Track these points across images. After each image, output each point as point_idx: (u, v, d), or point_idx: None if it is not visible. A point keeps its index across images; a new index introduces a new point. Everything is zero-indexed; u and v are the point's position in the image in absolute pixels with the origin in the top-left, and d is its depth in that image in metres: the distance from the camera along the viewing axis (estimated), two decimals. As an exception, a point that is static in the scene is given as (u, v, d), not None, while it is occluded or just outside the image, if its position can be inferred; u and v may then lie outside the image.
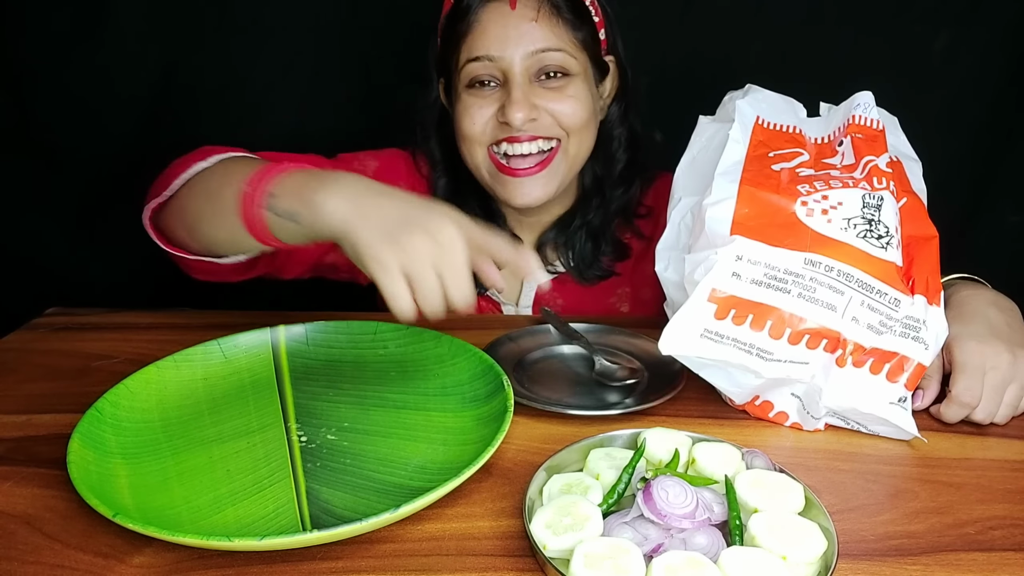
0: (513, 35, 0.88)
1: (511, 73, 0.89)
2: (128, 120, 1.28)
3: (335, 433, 0.66)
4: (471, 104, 0.91)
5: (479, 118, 0.91)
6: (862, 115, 0.75)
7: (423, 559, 0.52)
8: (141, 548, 0.52)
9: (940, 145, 0.98)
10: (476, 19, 0.89)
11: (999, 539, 0.55)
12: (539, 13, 0.88)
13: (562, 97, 0.90)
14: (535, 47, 0.88)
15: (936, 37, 1.20)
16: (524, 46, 0.88)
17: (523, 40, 0.88)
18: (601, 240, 1.01)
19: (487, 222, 0.98)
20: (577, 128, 0.92)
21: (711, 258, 0.66)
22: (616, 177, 1.00)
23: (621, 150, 1.00)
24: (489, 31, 0.88)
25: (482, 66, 0.89)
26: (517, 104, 0.88)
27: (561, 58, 0.89)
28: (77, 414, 0.64)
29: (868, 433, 0.69)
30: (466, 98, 0.92)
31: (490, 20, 0.89)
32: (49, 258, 1.36)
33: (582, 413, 0.70)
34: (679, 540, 0.50)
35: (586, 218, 1.01)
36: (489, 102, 0.91)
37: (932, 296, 0.67)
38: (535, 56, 0.88)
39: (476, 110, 0.91)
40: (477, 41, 0.89)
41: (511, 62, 0.88)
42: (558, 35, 0.89)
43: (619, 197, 1.01)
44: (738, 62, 1.22)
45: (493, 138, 0.92)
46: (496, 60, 0.89)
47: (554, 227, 1.03)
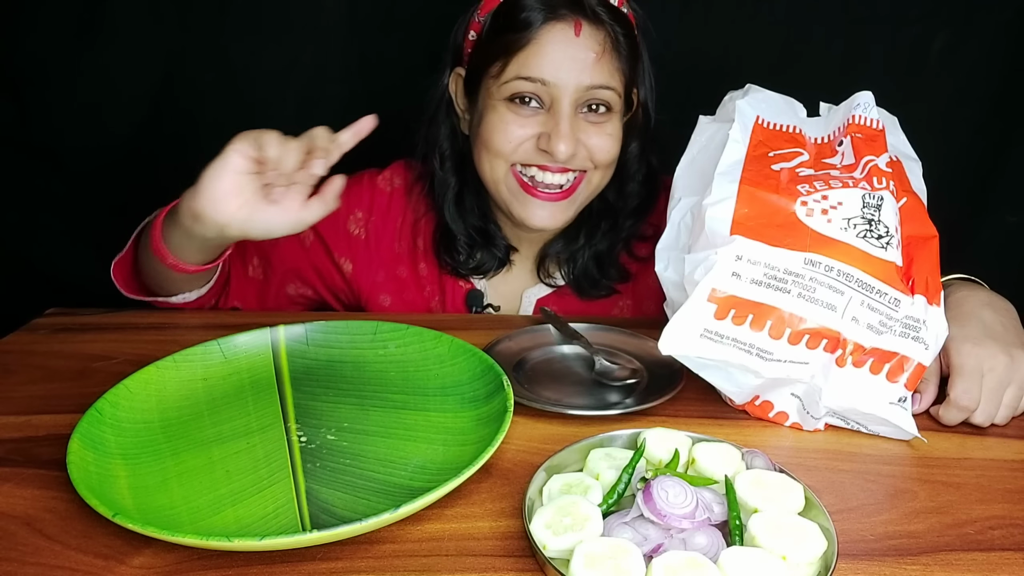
0: (573, 66, 0.85)
1: (560, 102, 0.86)
2: (128, 121, 1.28)
3: (335, 433, 0.66)
4: (510, 120, 0.88)
5: (515, 138, 0.88)
6: (862, 115, 0.75)
7: (423, 559, 0.52)
8: (141, 549, 0.52)
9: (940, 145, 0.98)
10: (536, 37, 0.85)
11: (998, 539, 0.55)
12: (603, 50, 0.86)
13: (601, 134, 0.89)
14: (592, 82, 0.86)
15: (935, 37, 1.20)
16: (582, 79, 0.85)
17: (583, 73, 0.85)
18: (606, 263, 1.00)
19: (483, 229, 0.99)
20: (608, 163, 0.92)
21: (711, 258, 0.66)
22: (630, 211, 0.99)
23: (637, 185, 0.99)
24: (547, 53, 0.85)
25: (532, 87, 0.86)
26: (565, 139, 0.85)
27: (609, 96, 0.88)
28: (77, 415, 0.64)
29: (868, 433, 0.69)
30: (504, 112, 0.88)
31: (551, 42, 0.85)
32: (49, 259, 1.36)
33: (582, 413, 0.70)
34: (679, 540, 0.50)
35: (592, 241, 0.99)
36: (530, 123, 0.88)
37: (932, 296, 0.67)
38: (589, 91, 0.86)
39: (515, 128, 0.88)
40: (533, 60, 0.85)
41: (564, 90, 0.86)
42: (612, 74, 0.87)
43: (629, 228, 1.00)
44: (737, 62, 1.22)
45: (525, 160, 0.90)
46: (549, 85, 0.85)
47: (557, 241, 1.01)
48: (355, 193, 1.02)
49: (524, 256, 1.04)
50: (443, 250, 1.01)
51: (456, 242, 1.00)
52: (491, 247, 1.01)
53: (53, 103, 1.26)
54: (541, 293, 1.02)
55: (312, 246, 1.02)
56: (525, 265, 1.04)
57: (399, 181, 1.04)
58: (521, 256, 1.04)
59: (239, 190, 0.74)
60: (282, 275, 1.02)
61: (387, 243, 1.03)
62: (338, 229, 1.02)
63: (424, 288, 1.03)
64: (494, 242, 1.01)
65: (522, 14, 0.85)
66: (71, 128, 1.28)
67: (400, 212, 1.03)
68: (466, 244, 1.00)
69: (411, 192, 1.03)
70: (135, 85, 1.26)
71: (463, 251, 1.00)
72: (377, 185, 1.04)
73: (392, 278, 1.03)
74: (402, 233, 1.03)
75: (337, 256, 1.03)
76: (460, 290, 1.02)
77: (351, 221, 1.02)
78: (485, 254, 1.01)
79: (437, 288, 1.03)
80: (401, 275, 1.03)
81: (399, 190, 1.04)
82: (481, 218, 1.00)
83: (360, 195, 1.03)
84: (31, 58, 1.23)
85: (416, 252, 1.03)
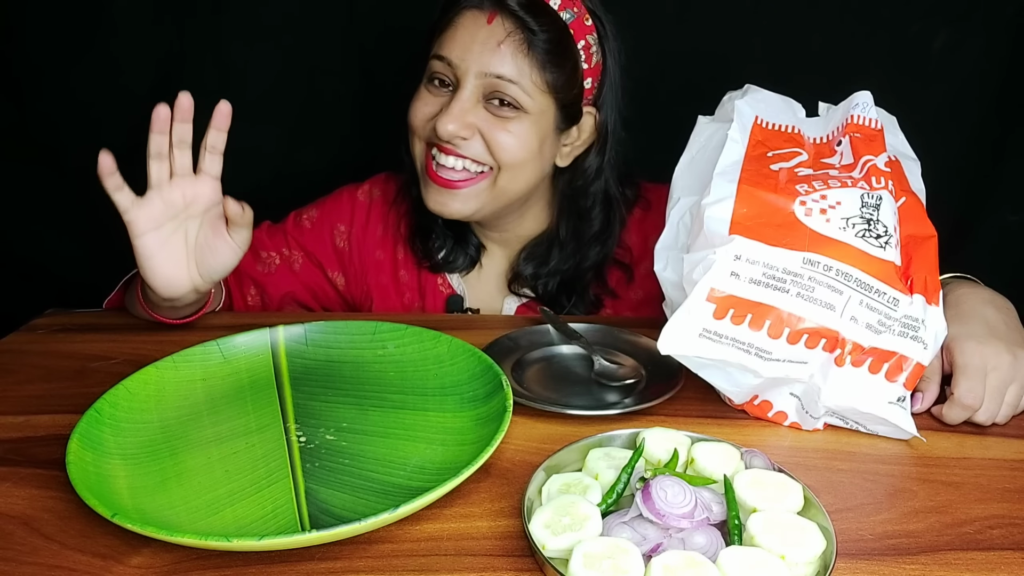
0: (476, 49, 0.86)
1: (461, 83, 0.87)
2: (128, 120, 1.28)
3: (334, 433, 0.66)
4: (420, 98, 0.92)
5: (420, 113, 0.91)
6: (861, 115, 0.75)
7: (422, 559, 0.52)
8: (139, 548, 0.52)
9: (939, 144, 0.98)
10: (453, 19, 0.88)
11: (997, 538, 0.55)
12: (507, 39, 0.85)
13: (501, 129, 0.88)
14: (490, 70, 0.86)
15: (935, 36, 1.20)
16: (481, 64, 0.86)
17: (483, 58, 0.86)
18: (574, 291, 1.00)
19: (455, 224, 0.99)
20: (510, 164, 0.90)
21: (710, 258, 0.66)
22: (591, 236, 0.98)
23: (597, 208, 0.97)
24: (458, 35, 0.87)
25: (441, 66, 0.89)
26: (449, 116, 0.86)
27: (515, 91, 0.87)
28: (76, 415, 0.64)
29: (867, 432, 0.69)
30: (421, 90, 0.92)
31: (463, 25, 0.87)
32: (48, 259, 1.36)
33: (581, 413, 0.70)
34: (678, 540, 0.50)
35: (559, 266, 0.99)
36: (436, 102, 0.90)
37: (931, 295, 0.67)
38: (487, 78, 0.86)
39: (421, 105, 0.91)
40: (446, 40, 0.88)
41: (465, 72, 0.87)
42: (519, 68, 0.86)
43: (594, 256, 0.99)
44: (736, 62, 1.22)
45: (427, 138, 0.91)
46: (453, 66, 0.87)
47: (528, 261, 1.00)
48: (335, 208, 1.05)
49: (497, 260, 1.04)
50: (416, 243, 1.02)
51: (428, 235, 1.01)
52: (462, 243, 1.02)
53: (53, 103, 1.27)
54: (522, 300, 1.03)
55: (303, 268, 1.04)
56: (500, 271, 1.04)
57: (378, 192, 1.05)
58: (494, 260, 1.04)
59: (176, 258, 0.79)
60: (279, 300, 1.04)
61: (369, 252, 1.04)
62: (325, 245, 1.04)
63: (404, 295, 1.04)
64: (465, 238, 1.02)
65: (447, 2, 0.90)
66: (71, 128, 1.28)
67: (380, 222, 1.05)
68: (438, 237, 1.01)
69: (395, 201, 1.04)
70: (135, 85, 1.26)
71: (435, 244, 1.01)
72: (357, 198, 1.05)
73: (376, 285, 1.05)
74: (383, 242, 1.04)
75: (330, 272, 1.05)
76: (440, 295, 1.03)
77: (336, 235, 1.04)
78: (458, 250, 1.02)
79: (417, 295, 1.04)
80: (383, 282, 1.04)
81: (378, 200, 1.05)
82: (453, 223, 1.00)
83: (341, 209, 1.05)
84: (31, 58, 1.23)
85: (396, 260, 1.04)
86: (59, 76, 1.24)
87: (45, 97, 1.26)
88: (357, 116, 1.31)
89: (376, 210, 1.05)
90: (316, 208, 1.05)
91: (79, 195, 1.31)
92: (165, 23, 1.22)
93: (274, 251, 1.03)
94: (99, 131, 1.27)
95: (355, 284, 1.05)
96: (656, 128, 0.99)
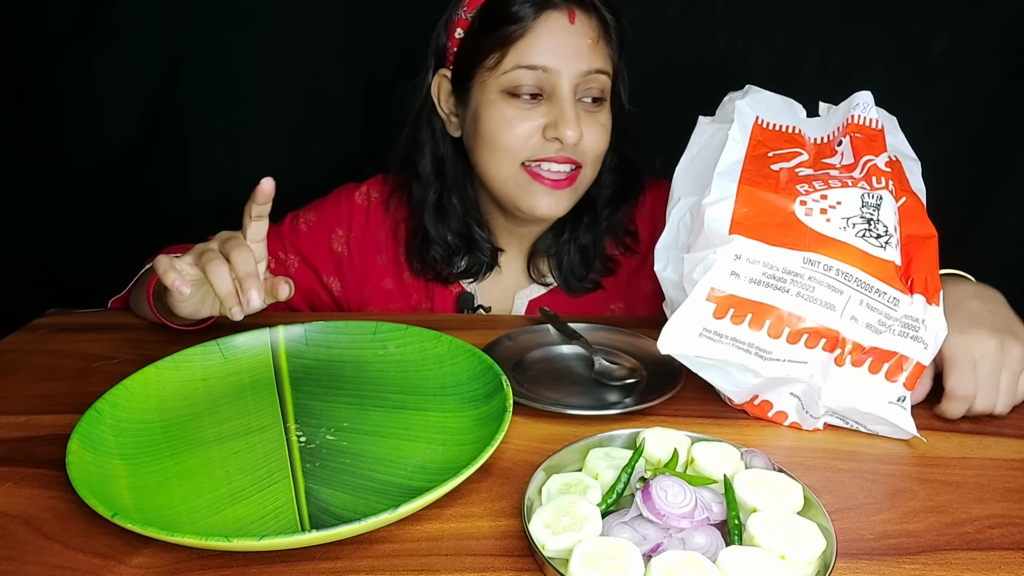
0: (571, 52, 0.85)
1: (561, 89, 0.86)
2: (128, 121, 1.28)
3: (334, 433, 0.66)
4: (513, 116, 0.87)
5: (522, 132, 0.88)
6: (861, 115, 0.75)
7: (422, 559, 0.52)
8: (140, 548, 0.52)
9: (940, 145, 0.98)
10: (532, 27, 0.85)
11: (997, 538, 0.55)
12: (598, 34, 0.87)
13: (595, 125, 0.90)
14: (591, 67, 0.86)
15: (936, 37, 1.20)
16: (580, 64, 0.86)
17: (580, 59, 0.86)
18: (590, 255, 1.01)
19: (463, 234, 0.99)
20: (599, 156, 0.92)
21: (710, 257, 0.66)
22: (606, 199, 1.00)
23: (612, 174, 0.99)
24: (545, 40, 0.85)
25: (533, 75, 0.86)
26: (572, 124, 0.85)
27: (604, 81, 0.89)
28: (76, 415, 0.64)
29: (867, 432, 0.69)
30: (504, 107, 0.88)
31: (547, 30, 0.85)
32: (49, 259, 1.37)
33: (581, 413, 0.70)
34: (678, 540, 0.50)
35: (576, 234, 1.00)
36: (534, 115, 0.87)
37: (931, 295, 0.67)
38: (588, 76, 0.87)
39: (520, 123, 0.87)
40: (532, 48, 0.85)
41: (565, 76, 0.86)
42: (605, 58, 0.88)
43: (607, 217, 1.00)
44: (737, 62, 1.22)
45: (533, 155, 0.89)
46: (551, 72, 0.85)
47: (545, 238, 1.02)
48: (333, 211, 1.03)
49: (513, 257, 1.04)
50: (416, 258, 1.00)
51: (432, 250, 0.99)
52: (475, 251, 1.01)
53: (54, 103, 1.27)
54: (533, 294, 1.02)
55: (298, 272, 1.03)
56: (515, 266, 1.04)
57: (376, 194, 1.04)
58: (510, 257, 1.04)
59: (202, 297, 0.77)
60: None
61: (369, 256, 1.03)
62: (322, 250, 1.03)
63: (411, 296, 1.03)
64: (478, 246, 1.00)
65: (514, 7, 0.86)
66: (72, 128, 1.28)
67: (380, 225, 1.03)
68: (442, 251, 0.99)
69: (389, 203, 1.03)
70: (135, 85, 1.26)
71: (439, 258, 1.00)
72: (355, 201, 1.04)
73: (378, 291, 1.03)
74: (384, 245, 1.03)
75: (325, 277, 1.03)
76: (450, 294, 1.02)
77: (333, 239, 1.03)
78: (469, 259, 1.01)
79: (425, 295, 1.03)
80: (387, 287, 1.03)
81: (376, 203, 1.04)
82: (463, 223, 1.00)
83: (338, 213, 1.03)
84: (32, 58, 1.23)
85: (399, 263, 1.03)
86: (60, 76, 1.25)
87: (46, 97, 1.26)
88: (358, 117, 1.31)
89: (375, 214, 1.04)
90: (313, 211, 1.04)
91: (80, 195, 1.32)
92: (167, 23, 1.22)
93: (270, 254, 1.01)
94: (100, 131, 1.28)
95: (352, 290, 1.04)
96: (657, 128, 0.99)
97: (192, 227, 1.03)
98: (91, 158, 1.30)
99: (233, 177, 1.30)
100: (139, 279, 0.93)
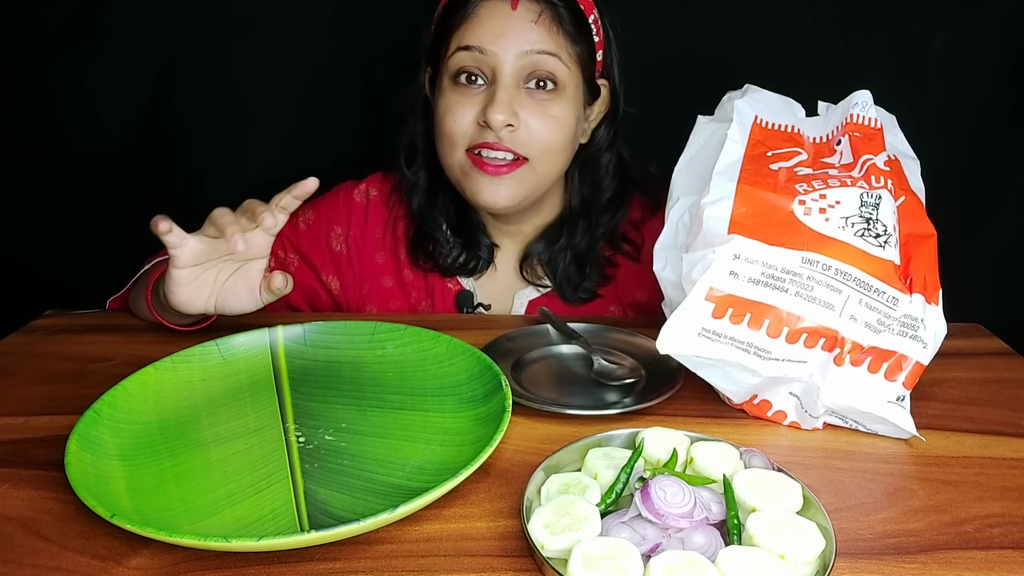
0: (510, 32, 0.86)
1: (500, 71, 0.86)
2: (127, 122, 1.28)
3: (333, 434, 0.66)
4: (454, 102, 0.89)
5: (461, 117, 0.88)
6: (860, 114, 0.75)
7: (421, 560, 0.52)
8: (139, 550, 0.52)
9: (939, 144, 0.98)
10: (473, 12, 0.87)
11: (997, 537, 0.55)
12: (540, 16, 0.86)
13: (544, 115, 0.88)
14: (531, 47, 0.86)
15: (934, 36, 1.20)
16: (519, 44, 0.86)
17: (520, 38, 0.86)
18: (587, 263, 1.00)
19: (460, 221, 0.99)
20: (553, 148, 0.90)
21: (709, 257, 0.66)
22: (604, 204, 0.99)
23: (609, 178, 0.98)
24: (485, 24, 0.87)
25: (471, 57, 0.87)
26: (500, 105, 0.85)
27: (554, 64, 0.87)
28: (74, 416, 0.63)
29: (866, 432, 0.69)
30: (450, 94, 0.89)
31: (488, 15, 0.87)
32: (47, 260, 1.36)
33: (580, 413, 0.70)
34: (677, 540, 0.50)
35: (572, 240, 0.99)
36: (473, 102, 0.88)
37: (930, 295, 0.67)
38: (528, 56, 0.86)
39: (459, 109, 0.88)
40: (471, 31, 0.87)
41: (503, 58, 0.86)
42: (555, 42, 0.87)
43: (606, 223, 0.99)
44: (736, 62, 1.22)
45: (471, 141, 0.89)
46: (488, 54, 0.86)
47: (539, 241, 1.01)
48: (332, 209, 1.03)
49: (509, 257, 1.03)
50: (420, 251, 1.01)
51: (433, 243, 1.00)
52: (473, 247, 1.01)
53: (52, 105, 1.27)
54: (532, 295, 1.02)
55: (297, 271, 1.02)
56: (512, 266, 1.04)
57: (375, 192, 1.04)
58: (506, 257, 1.03)
59: (199, 288, 0.79)
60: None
61: (369, 255, 1.03)
62: (321, 248, 1.03)
63: (411, 295, 1.03)
64: (476, 240, 1.00)
65: None
66: (70, 130, 1.28)
67: (379, 223, 1.03)
68: (445, 244, 1.00)
69: (389, 202, 1.03)
70: (133, 87, 1.26)
71: (442, 250, 1.00)
72: (353, 199, 1.04)
73: (377, 289, 1.03)
74: (383, 243, 1.03)
75: (324, 276, 1.03)
76: (449, 292, 1.02)
77: (332, 238, 1.03)
78: (467, 254, 1.01)
79: (425, 293, 1.03)
80: (386, 285, 1.03)
81: (375, 201, 1.03)
82: (458, 216, 1.00)
83: (337, 211, 1.03)
84: (29, 60, 1.23)
85: (399, 261, 1.03)
86: (59, 77, 1.24)
87: (45, 99, 1.26)
88: (356, 116, 1.31)
89: (374, 212, 1.04)
90: (312, 210, 1.04)
91: (76, 196, 1.32)
92: (165, 24, 1.22)
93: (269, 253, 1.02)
94: (99, 132, 1.28)
95: (351, 288, 1.04)
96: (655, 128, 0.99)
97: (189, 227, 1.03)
98: (87, 159, 1.29)
99: (229, 178, 1.30)
100: (137, 279, 0.93)
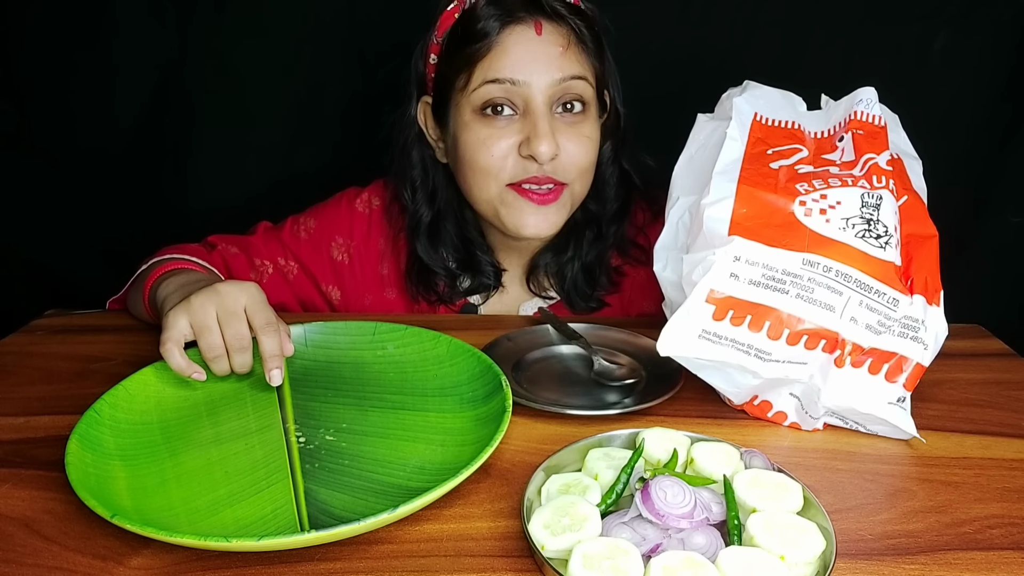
0: (541, 61, 0.83)
1: (533, 101, 0.83)
2: (128, 122, 1.28)
3: (333, 434, 0.66)
4: (487, 135, 0.85)
5: (498, 151, 0.85)
6: (864, 111, 0.74)
7: (421, 560, 0.52)
8: (139, 550, 0.52)
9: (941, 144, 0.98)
10: (497, 41, 0.83)
11: (997, 538, 0.55)
12: (568, 42, 0.84)
13: (578, 137, 0.86)
14: (562, 74, 0.83)
15: (936, 36, 1.20)
16: (551, 73, 0.83)
17: (551, 65, 0.83)
18: (595, 274, 0.99)
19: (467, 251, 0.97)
20: (587, 171, 0.89)
21: (709, 259, 0.66)
22: (611, 215, 0.98)
23: (614, 189, 0.97)
24: (512, 53, 0.83)
25: (502, 89, 0.83)
26: (546, 137, 0.82)
27: (583, 87, 0.85)
28: (75, 416, 0.64)
29: (867, 433, 0.69)
30: (479, 128, 0.85)
31: (514, 43, 0.83)
32: (48, 260, 1.36)
33: (581, 413, 0.70)
34: (677, 540, 0.50)
35: (580, 252, 0.98)
36: (507, 133, 0.85)
37: (931, 296, 0.67)
38: (561, 84, 0.84)
39: (494, 142, 0.85)
40: (498, 63, 0.83)
41: (536, 88, 0.83)
42: (581, 63, 0.86)
43: (614, 234, 0.98)
44: (736, 61, 1.22)
45: (513, 177, 0.86)
46: (520, 84, 0.83)
47: (546, 252, 0.99)
48: (333, 218, 1.01)
49: (515, 269, 1.02)
50: (419, 284, 0.98)
51: (433, 276, 0.98)
52: (478, 274, 0.99)
53: (53, 104, 1.27)
54: (537, 306, 1.02)
55: (296, 279, 1.00)
56: (518, 278, 1.02)
57: (378, 202, 1.01)
58: (512, 270, 1.02)
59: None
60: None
61: (371, 266, 1.01)
62: (322, 257, 1.00)
63: (413, 308, 1.01)
64: (480, 268, 0.98)
65: (479, 24, 0.83)
66: (71, 129, 1.28)
67: (382, 234, 1.01)
68: (445, 277, 0.98)
69: (390, 212, 1.01)
70: (135, 86, 1.26)
71: (443, 282, 0.98)
72: (356, 208, 1.01)
73: (380, 301, 1.01)
74: (386, 255, 1.01)
75: (324, 285, 1.01)
76: (455, 306, 1.01)
77: (333, 247, 1.00)
78: (473, 280, 0.99)
79: (429, 307, 1.01)
80: (389, 297, 1.01)
81: (378, 211, 1.01)
82: (462, 248, 0.98)
83: (338, 220, 1.01)
84: (31, 59, 1.23)
85: (401, 272, 1.01)
86: (60, 77, 1.24)
87: (46, 98, 1.26)
88: (357, 118, 1.31)
89: (377, 222, 1.01)
90: (314, 217, 1.01)
91: (79, 196, 1.32)
92: (166, 25, 1.22)
93: (268, 259, 0.99)
94: (98, 134, 1.28)
95: (353, 298, 1.02)
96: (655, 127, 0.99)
97: (190, 228, 1.03)
98: (89, 159, 1.29)
99: (230, 179, 1.30)
100: (136, 279, 0.93)
